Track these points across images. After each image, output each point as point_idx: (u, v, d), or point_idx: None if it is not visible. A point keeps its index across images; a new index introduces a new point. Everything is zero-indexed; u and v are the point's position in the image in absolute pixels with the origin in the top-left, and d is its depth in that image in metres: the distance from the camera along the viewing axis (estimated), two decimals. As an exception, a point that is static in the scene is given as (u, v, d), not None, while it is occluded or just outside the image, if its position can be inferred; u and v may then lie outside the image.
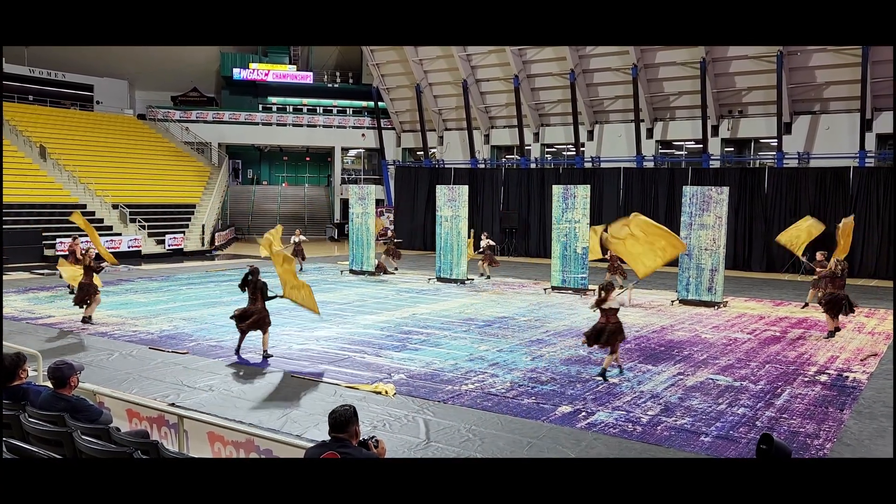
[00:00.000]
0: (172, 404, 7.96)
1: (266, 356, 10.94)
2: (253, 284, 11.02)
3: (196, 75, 42.06)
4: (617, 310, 10.11)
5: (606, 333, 9.99)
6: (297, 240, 23.33)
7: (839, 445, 7.48)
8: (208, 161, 37.74)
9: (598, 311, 10.18)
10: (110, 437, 5.05)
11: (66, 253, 16.53)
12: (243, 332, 11.06)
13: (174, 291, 18.18)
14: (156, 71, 40.55)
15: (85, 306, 13.56)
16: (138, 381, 9.51)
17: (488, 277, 21.45)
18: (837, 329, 13.39)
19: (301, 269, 22.06)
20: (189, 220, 31.11)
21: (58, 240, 24.65)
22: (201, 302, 16.23)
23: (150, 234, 28.43)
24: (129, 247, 26.54)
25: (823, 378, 10.23)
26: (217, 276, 21.02)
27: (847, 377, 10.30)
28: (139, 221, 28.55)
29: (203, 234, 30.26)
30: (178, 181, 33.62)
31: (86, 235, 16.66)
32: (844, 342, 12.83)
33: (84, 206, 28.21)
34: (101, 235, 26.18)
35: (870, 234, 23.76)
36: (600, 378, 9.95)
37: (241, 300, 16.49)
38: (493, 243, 22.02)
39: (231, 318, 11.21)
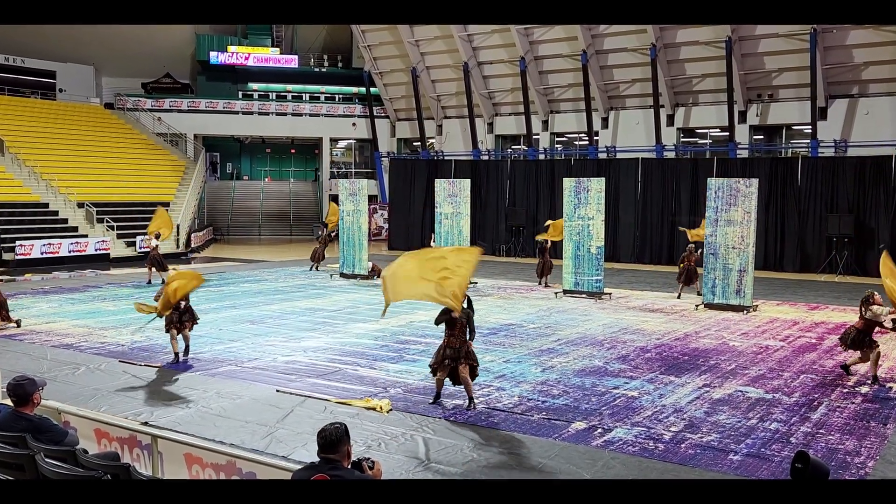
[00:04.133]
0: (145, 423, 7.95)
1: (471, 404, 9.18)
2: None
3: (169, 60, 42.06)
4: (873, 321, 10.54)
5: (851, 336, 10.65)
6: (153, 242, 20.77)
7: (882, 463, 7.47)
8: (183, 154, 37.74)
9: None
10: (77, 459, 5.05)
11: None
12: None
13: (146, 299, 18.11)
14: (124, 55, 40.55)
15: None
16: (107, 397, 9.50)
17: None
18: None
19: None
20: (162, 219, 31.06)
21: (17, 242, 24.65)
22: (176, 310, 16.19)
23: (119, 236, 28.43)
24: (96, 249, 26.53)
25: (864, 389, 10.23)
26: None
27: (890, 388, 10.30)
28: (107, 221, 28.55)
29: (178, 234, 30.25)
30: (149, 176, 33.64)
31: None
32: (887, 349, 12.82)
33: (46, 205, 28.24)
34: (65, 237, 26.36)
35: (914, 230, 23.77)
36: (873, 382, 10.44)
37: (221, 307, 16.56)
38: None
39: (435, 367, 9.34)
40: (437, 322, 9.46)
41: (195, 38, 41.62)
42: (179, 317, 11.44)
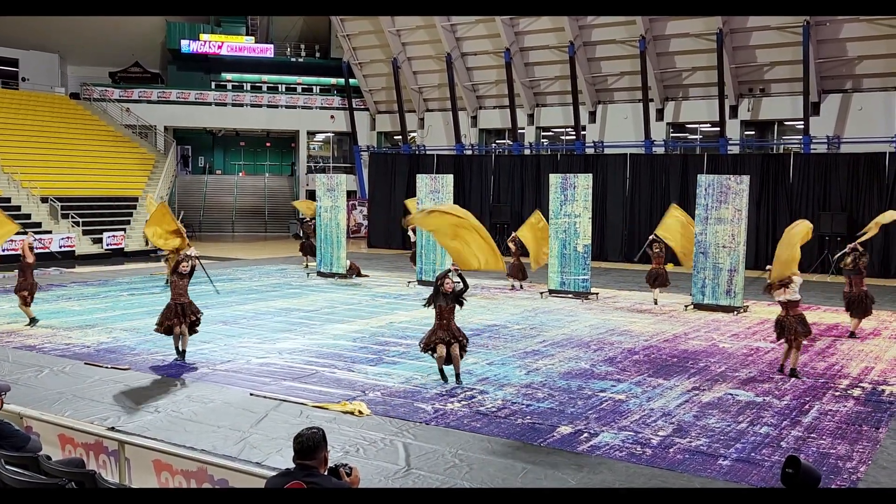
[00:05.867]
0: (112, 428, 7.91)
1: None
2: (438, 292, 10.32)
3: (138, 48, 41.71)
4: (795, 302, 10.94)
5: (784, 327, 11.00)
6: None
7: (874, 468, 7.57)
8: (153, 147, 37.47)
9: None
10: (39, 466, 5.02)
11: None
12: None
13: (113, 298, 18.05)
14: (91, 43, 40.17)
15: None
16: (72, 401, 9.44)
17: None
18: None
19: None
20: (131, 215, 30.90)
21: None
22: (145, 310, 16.11)
23: (84, 232, 28.19)
24: (60, 246, 26.29)
25: (856, 392, 10.34)
26: (163, 281, 20.86)
27: (883, 391, 10.42)
28: (72, 217, 28.29)
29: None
30: (117, 170, 33.37)
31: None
32: (880, 351, 12.98)
33: (8, 200, 27.93)
34: (27, 233, 26.03)
35: (908, 229, 24.02)
36: (792, 377, 10.88)
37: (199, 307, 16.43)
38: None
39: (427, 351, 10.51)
40: (427, 305, 10.56)
41: (166, 26, 41.29)
42: (182, 311, 11.58)
